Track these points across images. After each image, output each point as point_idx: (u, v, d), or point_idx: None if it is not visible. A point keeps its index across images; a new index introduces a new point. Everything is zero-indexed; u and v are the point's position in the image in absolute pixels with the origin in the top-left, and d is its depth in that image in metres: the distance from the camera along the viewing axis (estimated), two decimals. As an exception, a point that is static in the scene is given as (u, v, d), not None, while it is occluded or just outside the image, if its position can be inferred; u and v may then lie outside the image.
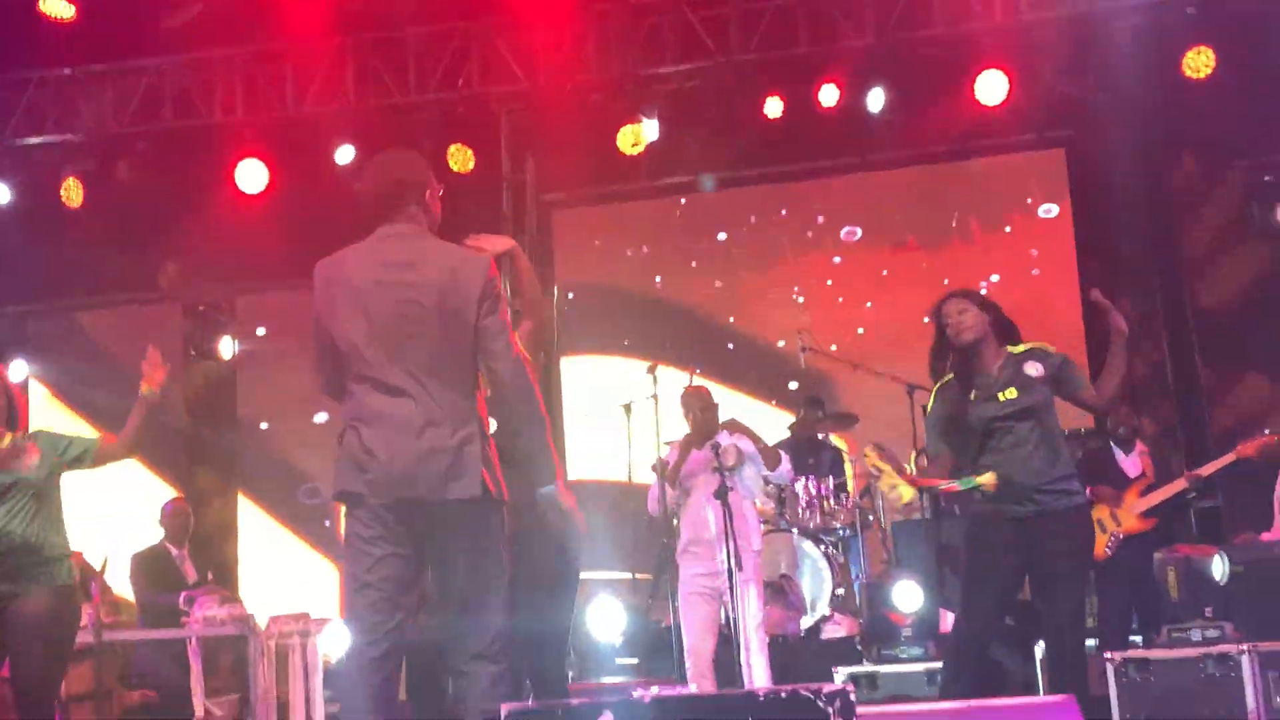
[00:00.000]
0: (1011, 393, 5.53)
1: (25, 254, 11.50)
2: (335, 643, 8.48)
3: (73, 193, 10.96)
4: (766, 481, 7.73)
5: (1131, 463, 8.09)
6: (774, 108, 10.47)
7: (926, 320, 5.73)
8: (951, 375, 5.65)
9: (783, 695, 3.13)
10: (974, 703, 4.05)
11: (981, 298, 5.71)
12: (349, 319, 4.25)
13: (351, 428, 4.25)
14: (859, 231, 11.34)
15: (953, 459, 5.66)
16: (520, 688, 5.60)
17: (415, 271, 4.25)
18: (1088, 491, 6.33)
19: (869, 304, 11.17)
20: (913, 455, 8.70)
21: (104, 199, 11.09)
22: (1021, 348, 5.62)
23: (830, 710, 3.10)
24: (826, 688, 3.13)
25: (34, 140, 11.00)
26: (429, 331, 4.21)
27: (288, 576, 11.66)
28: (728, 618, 7.08)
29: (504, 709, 2.99)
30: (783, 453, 7.39)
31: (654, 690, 3.08)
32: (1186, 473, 7.99)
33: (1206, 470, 8.00)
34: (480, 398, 4.33)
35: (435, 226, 4.42)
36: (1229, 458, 7.89)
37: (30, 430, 5.62)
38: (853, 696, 3.13)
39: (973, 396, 5.59)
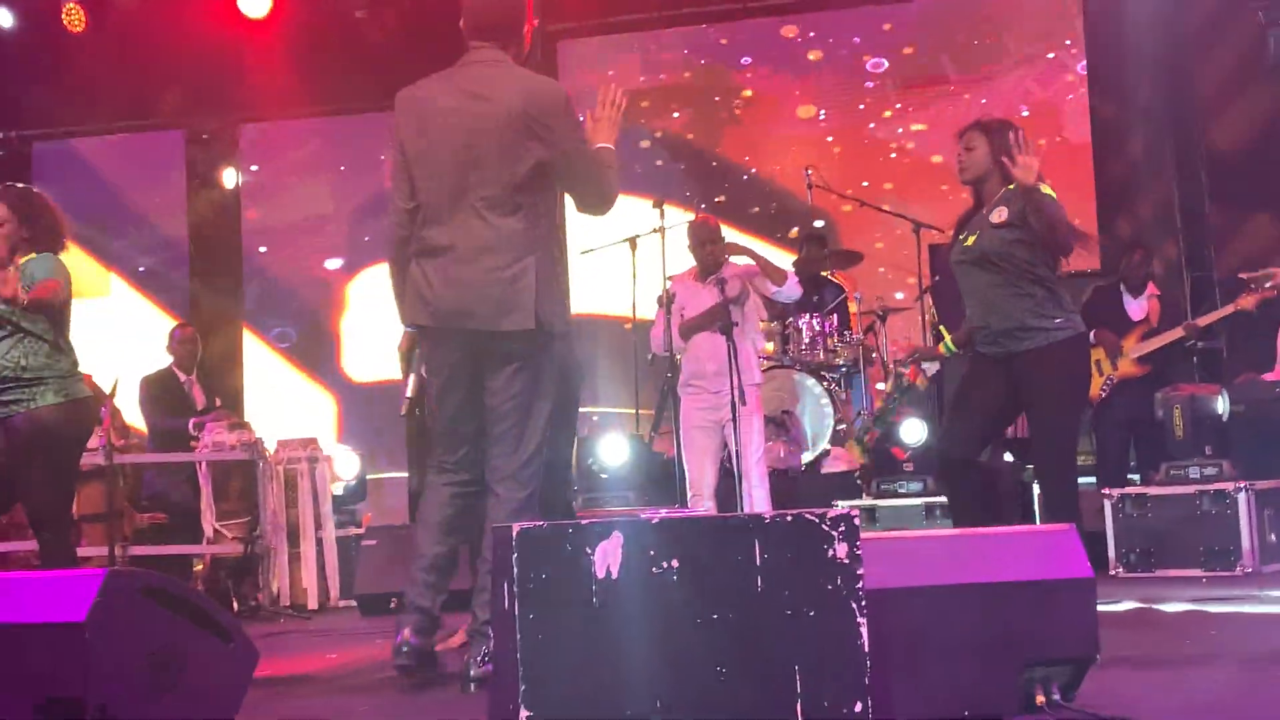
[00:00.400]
0: (971, 239, 5.43)
1: (26, 79, 11.40)
2: (344, 466, 8.66)
3: (74, 16, 10.80)
4: (778, 304, 7.73)
5: (1138, 307, 8.10)
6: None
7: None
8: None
9: (788, 519, 3.18)
10: (974, 530, 4.12)
11: (1000, 130, 5.48)
12: (421, 149, 4.37)
13: (417, 260, 4.39)
14: (884, 63, 11.12)
15: None
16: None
17: (487, 102, 4.31)
18: (1092, 336, 6.33)
19: (899, 129, 11.00)
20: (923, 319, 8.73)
21: (105, 23, 10.94)
22: (1012, 187, 5.32)
23: (835, 534, 3.15)
24: (831, 512, 3.18)
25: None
26: (495, 162, 4.29)
27: (291, 406, 11.76)
28: (729, 450, 7.17)
29: (515, 528, 3.05)
30: (789, 272, 7.39)
31: (661, 513, 3.15)
32: (1185, 322, 8.00)
33: (1204, 320, 8.02)
34: (543, 226, 4.42)
35: (521, 59, 4.47)
36: (1228, 309, 7.90)
37: (26, 257, 5.40)
38: (857, 521, 3.18)
39: (962, 238, 5.53)
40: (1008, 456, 8.11)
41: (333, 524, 8.00)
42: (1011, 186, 5.33)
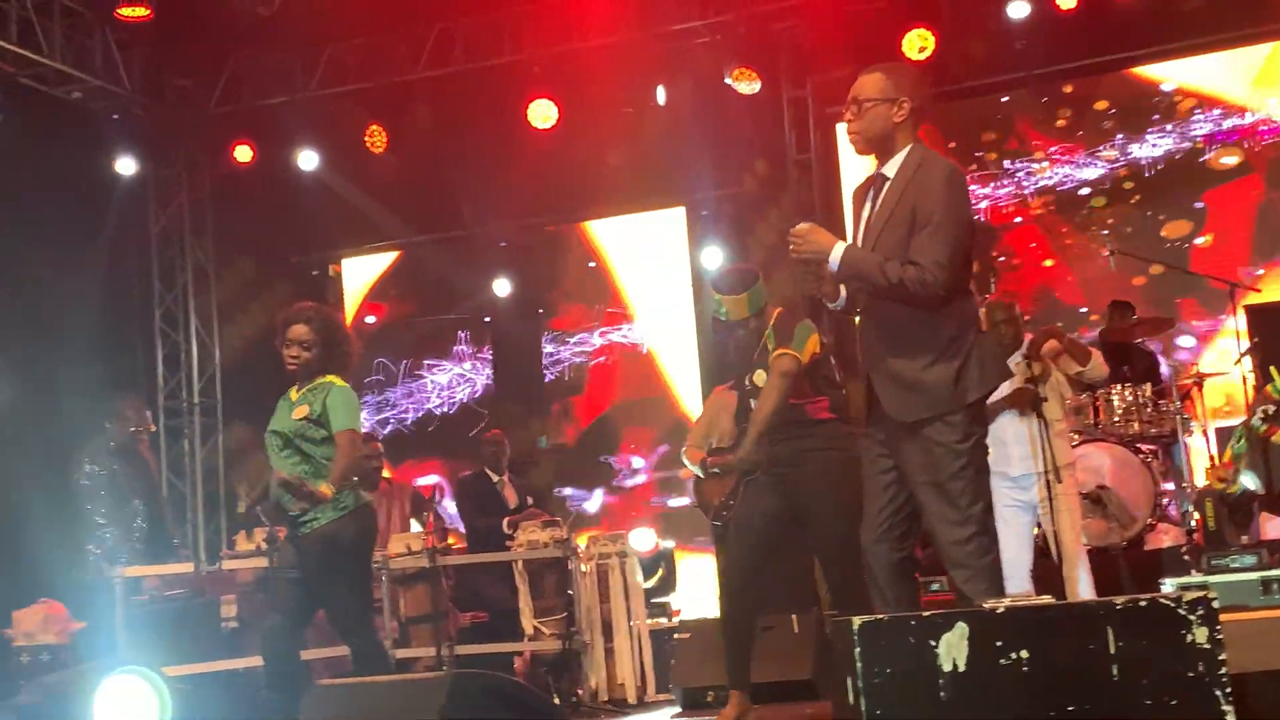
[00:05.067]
0: None
1: (333, 200, 12.06)
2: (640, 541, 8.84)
3: (376, 139, 11.43)
4: (1083, 383, 7.51)
5: None
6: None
7: None
8: None
9: (1141, 603, 3.06)
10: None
11: None
12: None
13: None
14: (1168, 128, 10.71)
15: None
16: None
17: None
18: None
19: (1198, 205, 10.53)
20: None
21: (405, 143, 11.54)
22: None
23: (1193, 618, 3.01)
24: (1187, 595, 3.04)
25: (339, 90, 11.49)
26: None
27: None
28: (1044, 530, 6.96)
29: (856, 621, 3.01)
30: (1094, 350, 7.17)
31: (1006, 601, 3.06)
32: None
33: None
34: None
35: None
36: None
37: (321, 379, 5.61)
38: (1215, 604, 3.04)
39: None
40: None
41: (645, 617, 8.07)
42: None
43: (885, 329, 4.27)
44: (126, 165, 11.35)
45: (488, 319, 12.43)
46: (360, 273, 13.09)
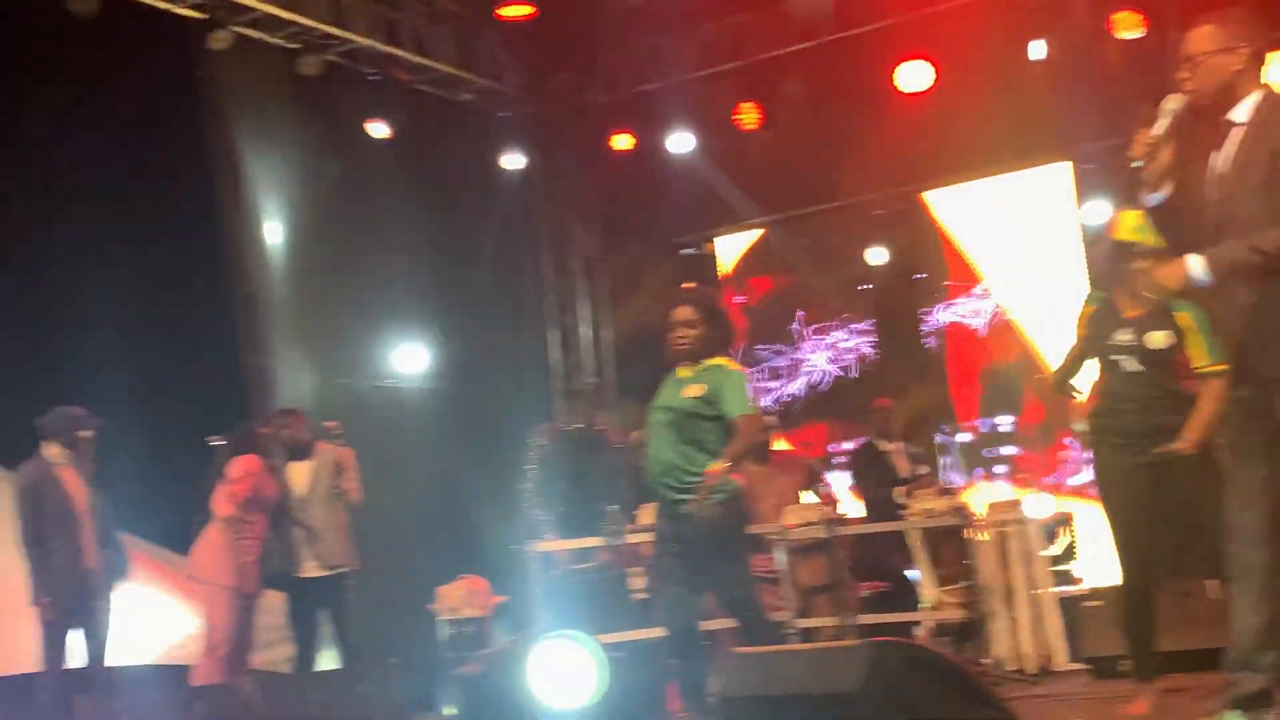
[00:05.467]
0: None
1: (707, 181, 12.23)
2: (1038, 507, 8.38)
3: (748, 116, 11.55)
4: None
5: None
6: None
7: None
8: None
9: None
10: None
11: None
12: None
13: None
14: None
15: None
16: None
17: None
18: None
19: None
20: None
21: (776, 118, 11.60)
22: None
23: None
24: None
25: (710, 71, 11.66)
26: None
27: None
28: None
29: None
30: None
31: None
32: None
33: None
34: None
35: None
36: None
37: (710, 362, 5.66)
38: None
39: None
40: None
41: (1049, 585, 7.87)
42: None
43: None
44: (514, 160, 11.89)
45: (867, 286, 12.34)
46: (731, 250, 13.22)
